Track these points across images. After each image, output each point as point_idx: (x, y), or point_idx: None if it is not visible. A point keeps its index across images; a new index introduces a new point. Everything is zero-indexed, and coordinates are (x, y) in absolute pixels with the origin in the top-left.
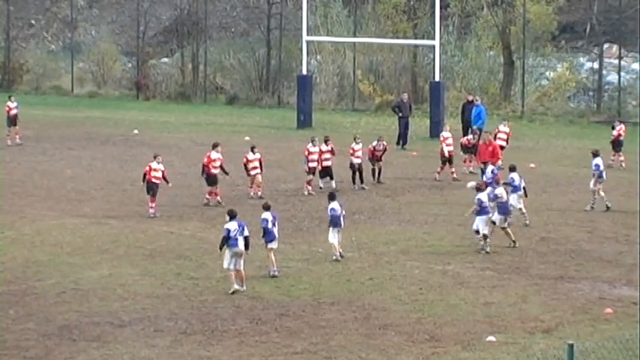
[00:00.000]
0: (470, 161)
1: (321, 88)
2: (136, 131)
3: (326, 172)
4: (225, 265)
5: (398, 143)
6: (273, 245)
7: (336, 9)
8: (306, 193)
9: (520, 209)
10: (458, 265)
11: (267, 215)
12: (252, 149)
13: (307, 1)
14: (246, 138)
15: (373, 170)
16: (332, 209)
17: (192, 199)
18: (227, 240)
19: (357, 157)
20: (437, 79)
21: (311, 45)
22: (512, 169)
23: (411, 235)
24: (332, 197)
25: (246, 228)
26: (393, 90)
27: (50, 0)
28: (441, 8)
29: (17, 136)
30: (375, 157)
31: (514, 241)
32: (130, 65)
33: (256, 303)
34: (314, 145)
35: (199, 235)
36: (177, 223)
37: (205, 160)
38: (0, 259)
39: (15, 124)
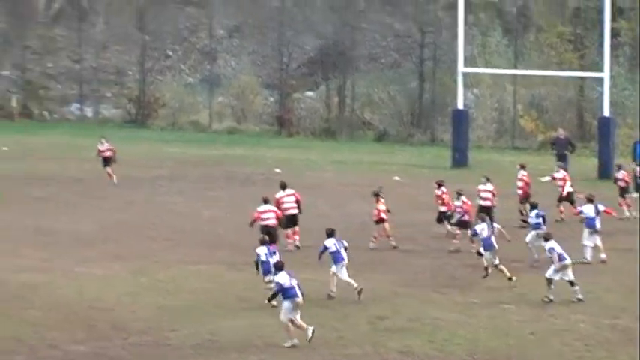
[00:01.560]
0: (628, 205)
1: (478, 124)
2: (277, 170)
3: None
4: (284, 318)
5: None
6: (270, 277)
7: (495, 38)
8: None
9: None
10: (628, 319)
11: (261, 250)
12: (378, 195)
13: (463, 30)
14: (396, 178)
15: (521, 212)
16: (324, 246)
17: None
18: (284, 290)
19: (485, 199)
20: (606, 114)
21: (467, 77)
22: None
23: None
24: (330, 234)
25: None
26: (557, 126)
27: (188, 29)
28: (610, 37)
29: (113, 177)
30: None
31: (510, 278)
32: (271, 99)
33: (407, 358)
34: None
35: (343, 283)
36: (320, 269)
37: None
38: (132, 307)
39: (109, 165)
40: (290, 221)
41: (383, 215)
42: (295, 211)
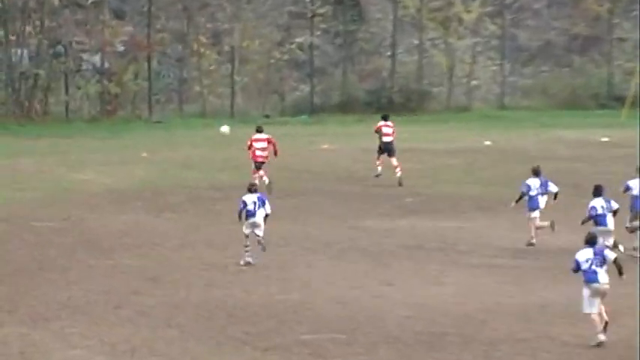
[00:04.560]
0: None
1: None
2: None
3: None
4: (586, 310)
5: None
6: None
7: None
8: None
9: None
10: None
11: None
12: None
13: None
14: None
15: None
16: (592, 207)
17: None
18: (582, 271)
19: None
20: None
21: None
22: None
23: None
24: (596, 192)
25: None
26: None
27: None
28: None
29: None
30: None
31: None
32: None
33: None
34: None
35: None
36: None
37: None
38: None
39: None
40: None
41: None
42: None
